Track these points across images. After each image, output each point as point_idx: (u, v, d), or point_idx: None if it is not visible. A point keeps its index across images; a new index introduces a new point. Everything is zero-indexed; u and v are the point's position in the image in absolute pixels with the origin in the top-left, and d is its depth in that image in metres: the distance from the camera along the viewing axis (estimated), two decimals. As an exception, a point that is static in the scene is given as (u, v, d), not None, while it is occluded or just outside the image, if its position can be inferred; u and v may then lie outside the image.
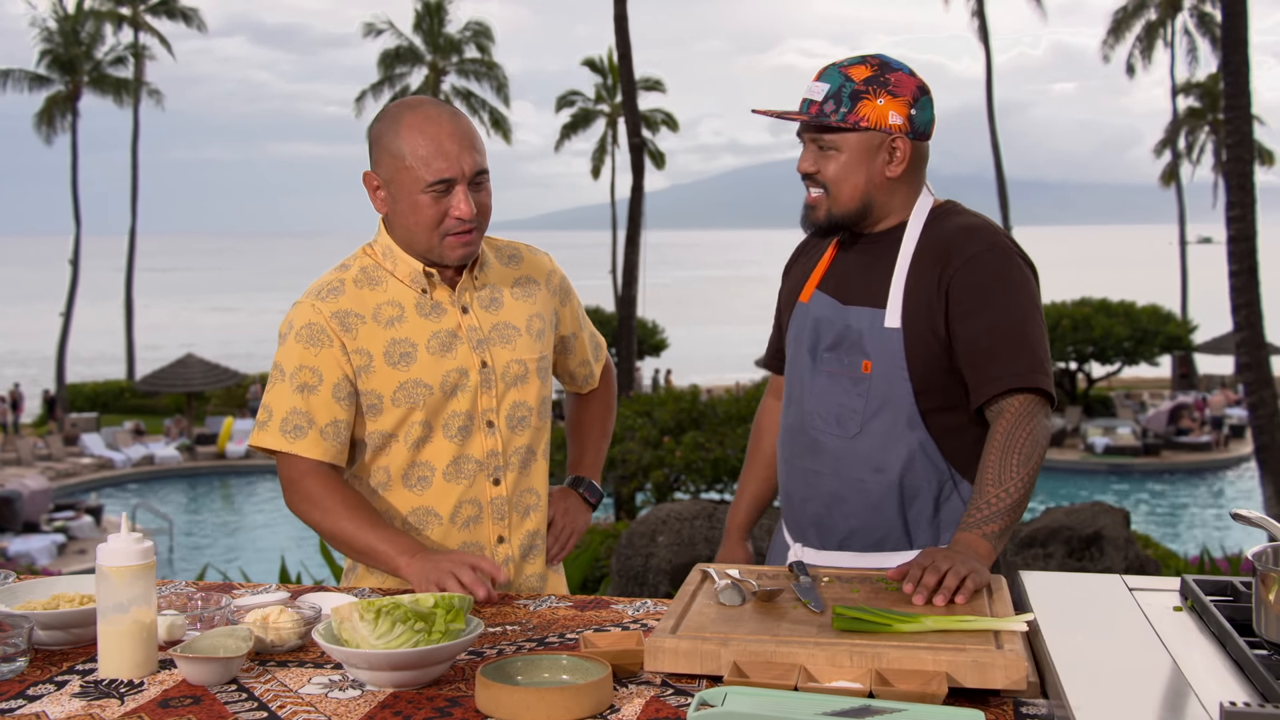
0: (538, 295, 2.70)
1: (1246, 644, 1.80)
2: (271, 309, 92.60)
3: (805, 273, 2.80)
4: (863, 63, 2.56)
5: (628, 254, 27.01)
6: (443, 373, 2.53)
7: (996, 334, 2.47)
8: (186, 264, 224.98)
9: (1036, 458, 2.40)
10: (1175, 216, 49.22)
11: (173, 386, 33.33)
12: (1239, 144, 15.72)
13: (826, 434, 2.60)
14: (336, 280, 2.56)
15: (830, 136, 2.55)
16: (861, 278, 2.62)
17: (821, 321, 2.64)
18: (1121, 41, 46.40)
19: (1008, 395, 2.45)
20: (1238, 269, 15.76)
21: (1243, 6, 15.65)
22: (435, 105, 2.51)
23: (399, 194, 2.48)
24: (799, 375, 2.68)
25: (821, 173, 2.57)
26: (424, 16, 43.64)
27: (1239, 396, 36.09)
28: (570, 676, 1.88)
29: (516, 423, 2.62)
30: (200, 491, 29.87)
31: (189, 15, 43.79)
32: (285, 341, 2.53)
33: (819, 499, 2.62)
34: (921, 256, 2.55)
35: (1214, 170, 49.18)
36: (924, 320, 2.52)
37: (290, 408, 2.49)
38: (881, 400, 2.54)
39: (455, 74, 43.55)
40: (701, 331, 68.85)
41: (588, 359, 2.91)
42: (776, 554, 2.84)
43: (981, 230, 2.56)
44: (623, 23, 24.48)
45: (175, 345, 44.47)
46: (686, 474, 15.46)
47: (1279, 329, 16.22)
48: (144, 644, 1.99)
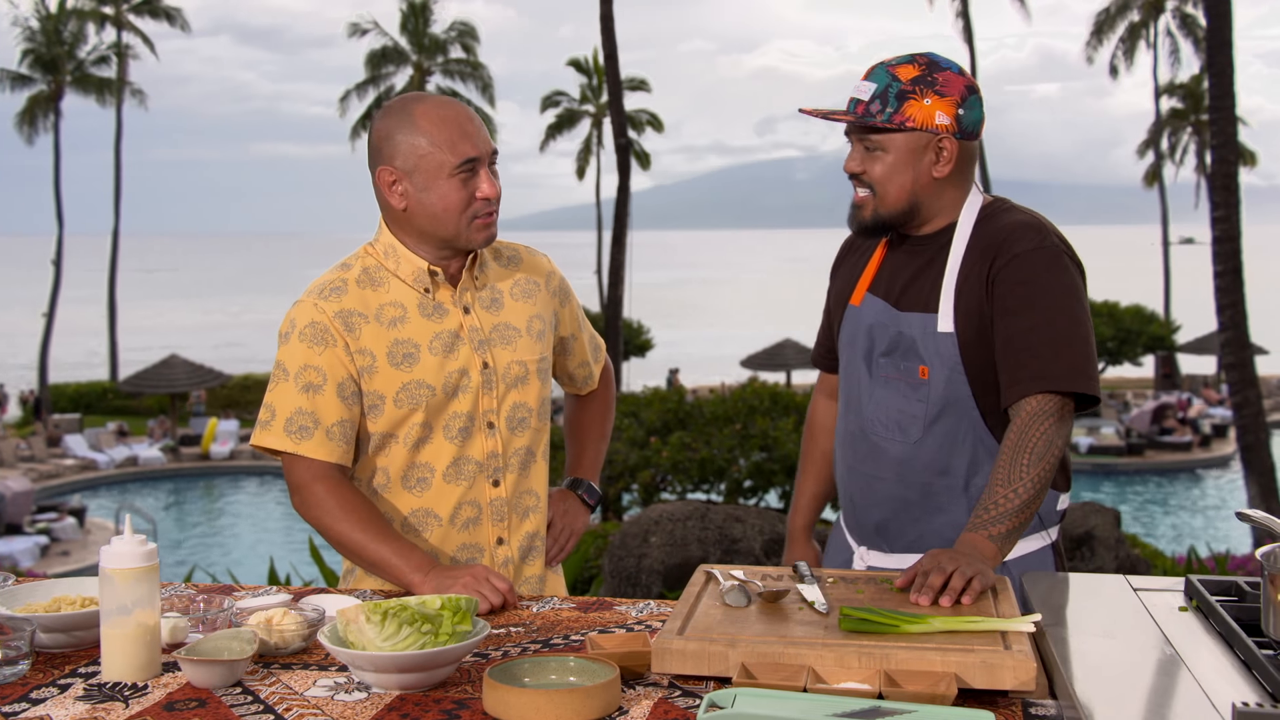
0: (538, 296, 2.70)
1: (1255, 644, 1.80)
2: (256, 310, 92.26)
3: (855, 273, 2.78)
4: (911, 62, 2.55)
5: (614, 254, 26.99)
6: (445, 374, 2.52)
7: (1037, 335, 2.43)
8: (170, 264, 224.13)
9: (1050, 459, 2.38)
10: (1158, 217, 49.39)
11: (156, 387, 33.18)
12: (1224, 145, 15.77)
13: (888, 440, 2.59)
14: (339, 280, 2.55)
15: (877, 137, 2.54)
16: (913, 281, 2.61)
17: (875, 328, 2.63)
18: (1104, 43, 46.54)
19: (1029, 397, 2.43)
20: (1223, 269, 15.82)
21: (1227, 8, 15.71)
22: (438, 95, 2.54)
23: (425, 183, 2.48)
24: (855, 382, 2.67)
25: (868, 173, 2.56)
26: (409, 16, 43.58)
27: (1221, 396, 36.27)
28: (578, 678, 1.87)
29: (517, 424, 2.62)
30: (184, 493, 29.76)
31: (172, 15, 43.63)
32: (288, 341, 2.51)
33: (883, 505, 2.61)
34: (971, 256, 2.54)
35: (1196, 171, 49.41)
36: (977, 321, 2.50)
37: (295, 408, 2.47)
38: (942, 404, 2.53)
39: (440, 74, 43.50)
40: (686, 332, 68.90)
41: (587, 360, 2.90)
42: (835, 556, 2.83)
43: (1031, 227, 2.52)
44: (609, 23, 24.44)
45: (159, 346, 44.28)
46: (673, 474, 15.45)
47: (1261, 330, 16.28)
48: (148, 647, 1.98)
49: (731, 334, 63.49)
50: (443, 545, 2.58)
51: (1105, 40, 46.55)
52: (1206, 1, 15.93)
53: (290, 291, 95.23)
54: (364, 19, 43.24)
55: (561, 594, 2.79)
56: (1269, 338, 19.40)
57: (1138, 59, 46.78)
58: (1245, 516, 2.04)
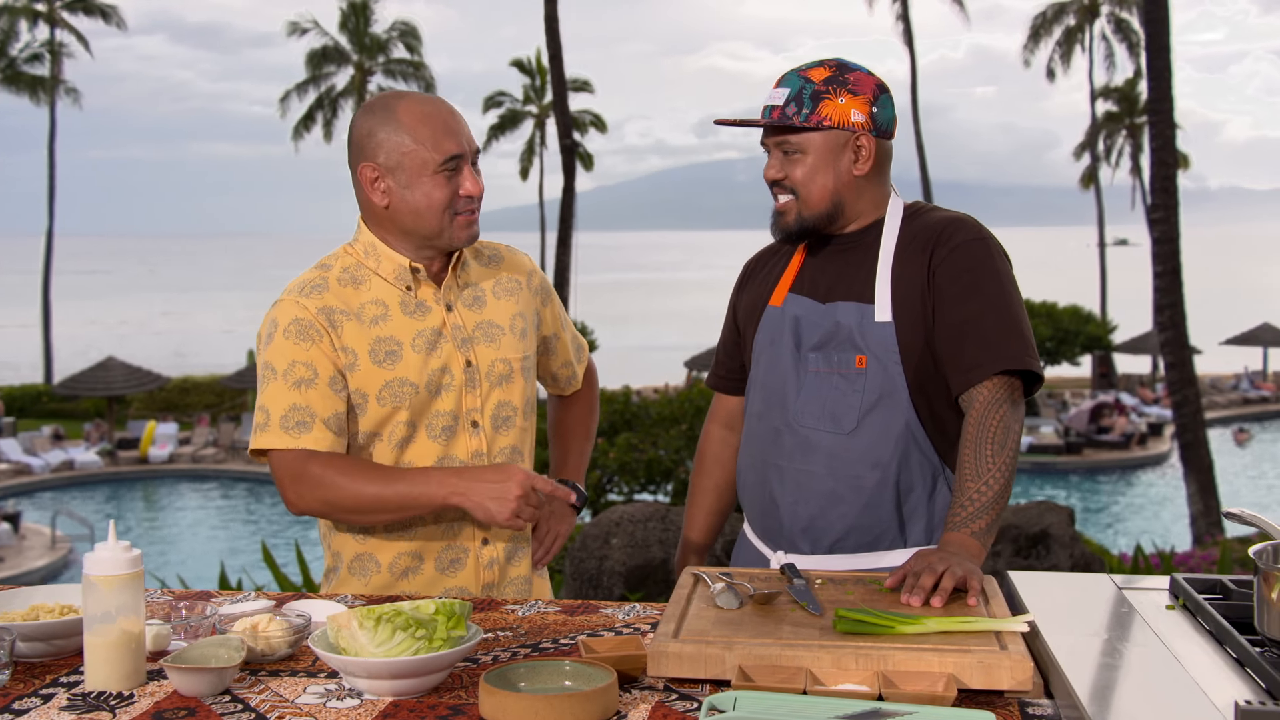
0: (520, 295, 2.68)
1: (1249, 642, 1.82)
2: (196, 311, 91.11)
3: (770, 279, 2.76)
4: (820, 65, 2.57)
5: (559, 255, 26.95)
6: (428, 371, 2.50)
7: (986, 320, 2.46)
8: (107, 266, 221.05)
9: (1011, 444, 2.39)
10: (1094, 219, 50.06)
11: (93, 390, 32.67)
12: (1163, 148, 16.02)
13: (819, 432, 2.56)
14: (319, 278, 2.52)
15: (796, 139, 2.55)
16: (841, 276, 2.61)
17: (802, 320, 2.62)
18: (1041, 46, 47.11)
19: (980, 384, 2.45)
20: (1162, 270, 16.07)
21: (1165, 14, 15.96)
22: (421, 93, 2.53)
23: (408, 180, 2.46)
24: (780, 376, 2.64)
25: (789, 178, 2.57)
26: (349, 16, 43.25)
27: (1156, 395, 36.84)
28: (573, 683, 1.85)
29: (501, 423, 2.60)
30: (123, 497, 29.31)
31: (107, 12, 42.99)
32: (272, 341, 2.47)
33: (813, 500, 2.57)
34: (905, 248, 2.56)
35: (1131, 174, 50.16)
36: (915, 311, 2.51)
37: (289, 405, 2.43)
38: (877, 394, 2.52)
39: (382, 74, 43.20)
40: (629, 333, 68.90)
41: (570, 360, 2.88)
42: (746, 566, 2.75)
43: (965, 221, 2.58)
44: (553, 23, 24.40)
45: (96, 349, 43.65)
46: (620, 475, 15.44)
47: (1193, 330, 16.52)
48: (132, 655, 1.94)
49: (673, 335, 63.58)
50: (425, 546, 2.56)
51: (1042, 43, 47.13)
52: (1145, 8, 16.18)
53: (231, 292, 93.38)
54: (303, 18, 42.87)
55: (547, 597, 2.76)
56: (1201, 338, 19.73)
57: (1074, 62, 47.40)
58: (1232, 515, 2.06)
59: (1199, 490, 15.99)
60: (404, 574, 2.58)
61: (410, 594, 2.56)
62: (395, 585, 2.58)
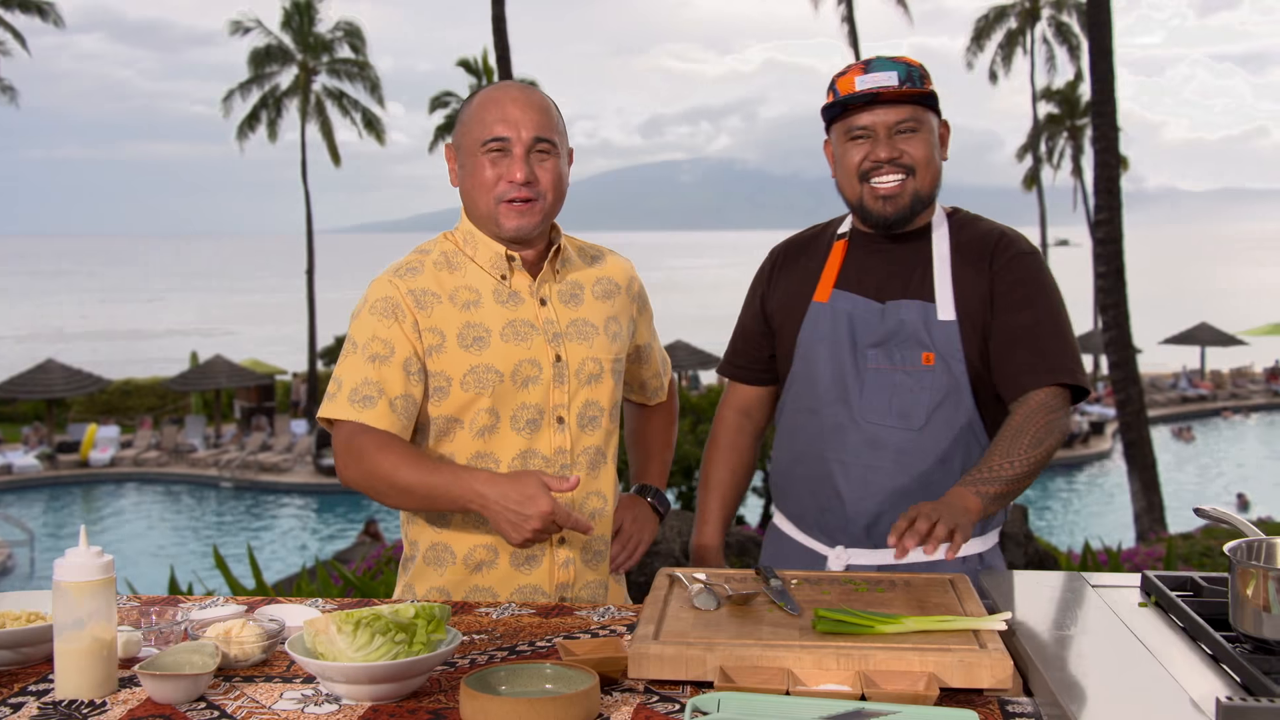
0: (617, 299, 2.67)
1: (1224, 638, 1.84)
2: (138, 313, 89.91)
3: (809, 275, 2.74)
4: (901, 56, 2.63)
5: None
6: (515, 361, 2.48)
7: (1043, 329, 2.52)
8: (46, 267, 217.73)
9: (1048, 445, 2.42)
10: (1036, 220, 50.55)
11: (31, 393, 32.17)
12: (1106, 150, 16.21)
13: (888, 429, 2.57)
14: (416, 260, 2.55)
15: (919, 115, 2.57)
16: (893, 275, 2.63)
17: (855, 317, 2.62)
18: (984, 49, 47.54)
19: (1033, 390, 2.49)
20: (1105, 271, 16.25)
21: (1108, 18, 16.15)
22: (515, 82, 2.54)
23: (464, 159, 2.51)
24: (837, 372, 2.62)
25: (906, 154, 2.57)
26: (293, 14, 42.79)
27: (1097, 394, 37.27)
28: (554, 685, 1.84)
29: (587, 421, 2.57)
30: (63, 502, 28.89)
31: (44, 9, 42.22)
32: (359, 316, 2.49)
33: (880, 495, 2.58)
34: (960, 252, 2.60)
35: (1073, 175, 50.73)
36: (976, 314, 2.55)
37: (362, 378, 2.43)
38: (944, 392, 2.55)
39: (326, 74, 42.83)
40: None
41: (659, 371, 2.88)
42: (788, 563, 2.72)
43: (1018, 235, 2.65)
44: (501, 23, 24.29)
45: (34, 351, 42.98)
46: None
47: (1136, 330, 16.74)
48: (104, 662, 1.91)
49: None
50: (500, 541, 2.52)
51: (985, 46, 47.55)
52: (1088, 13, 16.36)
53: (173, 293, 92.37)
54: (246, 17, 42.37)
55: (621, 603, 2.66)
56: (1141, 337, 20.01)
57: (1015, 65, 47.86)
58: (1202, 512, 2.09)
59: (1142, 488, 16.18)
60: (478, 567, 2.53)
61: (485, 588, 2.53)
62: (469, 580, 2.54)
